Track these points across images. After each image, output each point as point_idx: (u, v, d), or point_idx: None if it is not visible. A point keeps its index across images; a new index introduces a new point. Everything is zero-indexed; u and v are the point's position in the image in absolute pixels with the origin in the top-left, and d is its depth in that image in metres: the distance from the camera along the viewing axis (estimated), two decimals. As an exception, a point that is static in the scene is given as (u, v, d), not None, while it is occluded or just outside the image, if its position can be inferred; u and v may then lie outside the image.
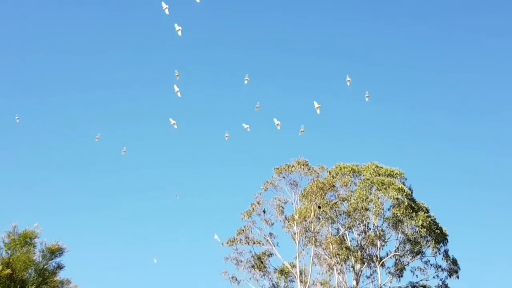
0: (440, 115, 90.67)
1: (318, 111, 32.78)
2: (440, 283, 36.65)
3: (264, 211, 35.81)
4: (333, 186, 36.65)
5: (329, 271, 35.79)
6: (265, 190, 36.35)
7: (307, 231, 34.88)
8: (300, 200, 35.88)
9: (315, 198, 35.04)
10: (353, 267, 36.53)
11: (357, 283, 35.99)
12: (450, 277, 36.82)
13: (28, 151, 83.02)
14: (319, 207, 35.00)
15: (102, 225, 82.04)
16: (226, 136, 29.79)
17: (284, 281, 36.86)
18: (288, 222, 35.48)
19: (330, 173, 38.03)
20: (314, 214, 34.82)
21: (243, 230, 35.52)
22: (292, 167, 36.09)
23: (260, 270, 35.23)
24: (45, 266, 11.51)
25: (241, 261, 35.42)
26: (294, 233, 34.89)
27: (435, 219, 36.89)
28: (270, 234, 35.53)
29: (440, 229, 36.68)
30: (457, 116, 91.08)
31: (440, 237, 36.55)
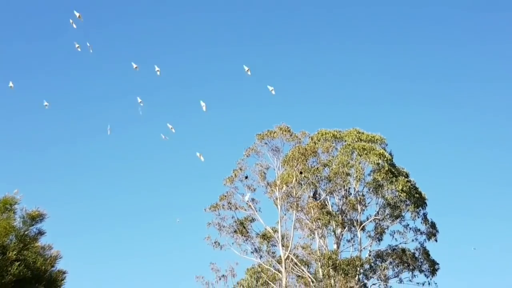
0: (423, 82, 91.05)
1: (248, 73, 31.59)
2: (419, 246, 37.48)
3: (246, 177, 35.99)
4: (315, 152, 36.89)
5: (311, 235, 36.29)
6: (247, 156, 36.51)
7: (289, 196, 35.21)
8: (282, 166, 36.09)
9: (297, 164, 35.27)
10: (334, 231, 37.11)
11: (338, 247, 36.62)
12: (429, 240, 37.63)
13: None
14: (301, 173, 35.28)
15: (86, 195, 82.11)
16: (203, 106, 29.61)
17: (266, 246, 37.34)
18: (270, 187, 35.73)
19: (312, 139, 38.24)
20: (296, 180, 35.11)
21: (225, 196, 35.73)
22: (274, 133, 36.18)
23: (242, 235, 35.61)
24: (26, 232, 11.50)
25: (224, 227, 35.75)
26: (276, 199, 35.18)
27: (415, 183, 37.49)
28: (253, 199, 35.81)
29: (420, 193, 37.31)
30: (440, 82, 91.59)
31: (419, 201, 37.21)
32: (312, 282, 34.35)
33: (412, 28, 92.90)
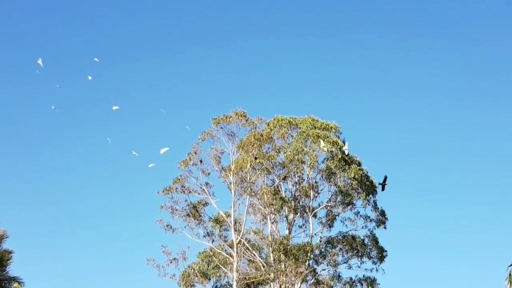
0: (377, 71, 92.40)
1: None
2: (368, 233, 38.31)
3: (201, 161, 35.90)
4: (270, 138, 37.09)
5: (263, 220, 36.58)
6: (202, 140, 36.38)
7: (243, 181, 35.34)
8: (237, 150, 36.15)
9: (252, 149, 35.40)
10: (286, 217, 37.53)
11: (290, 232, 37.07)
12: (378, 227, 38.50)
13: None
14: (256, 158, 35.44)
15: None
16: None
17: (219, 230, 37.44)
18: (225, 172, 35.78)
19: (268, 125, 38.42)
20: (251, 165, 35.25)
21: (179, 179, 35.56)
22: (230, 117, 36.14)
23: (195, 219, 35.59)
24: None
25: (177, 210, 35.61)
26: (230, 183, 35.25)
27: (366, 172, 38.21)
28: (206, 183, 35.77)
29: (371, 181, 38.06)
30: (393, 70, 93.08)
31: (370, 189, 37.96)
32: (263, 266, 34.72)
33: (363, 16, 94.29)
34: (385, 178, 37.24)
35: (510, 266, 27.97)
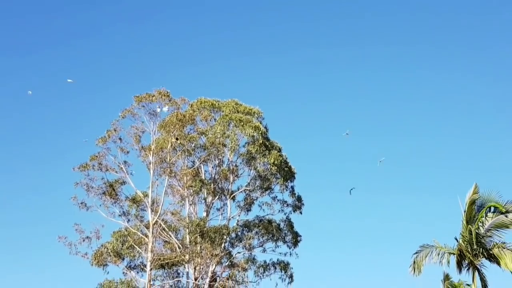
0: (301, 56, 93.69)
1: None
2: (284, 217, 39.06)
3: (120, 139, 35.01)
4: (193, 119, 36.80)
5: (181, 202, 36.40)
6: (122, 117, 35.45)
7: (162, 161, 34.92)
8: (158, 130, 35.59)
9: (174, 130, 35.02)
10: (205, 199, 37.56)
11: (207, 215, 37.14)
12: (294, 212, 39.33)
13: None
14: (177, 139, 35.08)
15: None
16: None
17: (136, 210, 36.89)
18: (144, 151, 35.18)
19: (191, 106, 38.11)
20: (171, 146, 34.89)
21: (96, 156, 34.60)
22: (152, 96, 35.50)
23: (111, 197, 34.77)
24: None
25: (92, 188, 34.61)
26: (150, 163, 34.71)
27: (286, 158, 38.82)
28: (125, 162, 34.96)
29: (289, 167, 38.73)
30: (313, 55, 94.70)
31: (289, 175, 38.65)
32: (179, 248, 34.59)
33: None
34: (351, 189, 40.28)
35: (414, 254, 29.16)
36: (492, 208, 27.67)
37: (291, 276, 37.87)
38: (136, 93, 35.70)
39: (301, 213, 39.42)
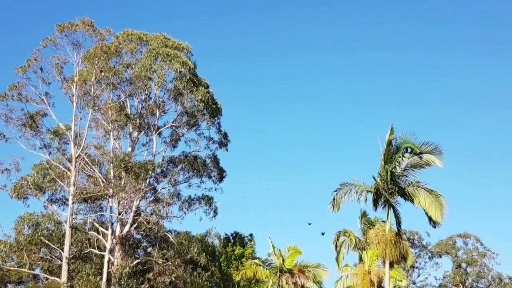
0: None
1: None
2: (210, 154, 39.26)
3: (41, 69, 33.61)
4: (119, 51, 35.78)
5: (106, 136, 35.73)
6: (44, 47, 33.92)
7: (86, 94, 33.95)
8: (82, 62, 34.41)
9: (98, 62, 33.94)
10: (130, 134, 36.99)
11: (133, 150, 36.71)
12: (220, 148, 39.57)
13: None
14: (102, 71, 34.06)
15: None
16: None
17: (58, 143, 36.01)
18: (67, 83, 34.01)
19: (117, 38, 36.91)
20: (96, 78, 33.88)
21: (16, 86, 33.10)
22: (76, 26, 34.08)
23: (32, 129, 33.63)
24: None
25: (12, 119, 33.32)
26: (73, 95, 33.70)
27: (213, 95, 38.61)
28: (46, 93, 33.73)
29: (216, 104, 38.62)
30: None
31: (216, 112, 38.60)
32: (103, 182, 34.18)
33: None
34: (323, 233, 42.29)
35: (334, 191, 29.99)
36: (409, 149, 28.84)
37: (215, 210, 38.51)
38: (59, 22, 34.24)
39: (227, 149, 39.76)
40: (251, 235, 62.10)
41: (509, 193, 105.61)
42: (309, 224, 45.92)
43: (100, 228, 34.76)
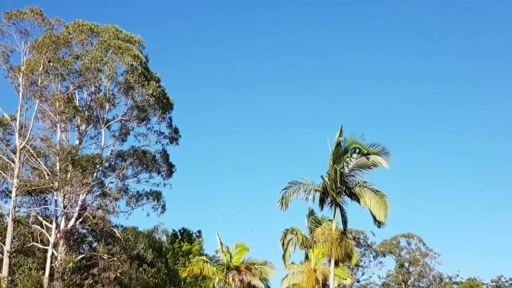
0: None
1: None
2: (161, 148, 38.91)
3: (-14, 57, 32.60)
4: (68, 42, 34.97)
5: (52, 128, 34.90)
6: (-11, 34, 32.94)
7: (33, 84, 33.11)
8: (30, 51, 33.55)
9: (47, 52, 33.13)
10: (78, 126, 36.25)
11: (80, 143, 35.99)
12: (171, 143, 39.22)
13: None
14: (50, 61, 33.28)
15: None
16: None
17: (2, 133, 35.01)
18: (14, 72, 33.11)
19: (67, 28, 36.08)
20: (44, 68, 33.07)
21: (-42, 74, 32.01)
22: (24, 14, 33.19)
23: (-26, 118, 32.58)
24: None
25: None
26: (19, 85, 32.82)
27: (164, 89, 38.23)
28: (-9, 83, 32.77)
29: (168, 99, 38.27)
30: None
31: (167, 106, 38.25)
32: (48, 175, 33.40)
33: None
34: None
35: (283, 190, 30.25)
36: (357, 150, 29.40)
37: (163, 206, 38.23)
38: (7, 9, 33.29)
39: (177, 144, 39.45)
40: (199, 231, 62.05)
41: (452, 194, 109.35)
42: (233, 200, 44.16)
43: (44, 222, 33.96)
